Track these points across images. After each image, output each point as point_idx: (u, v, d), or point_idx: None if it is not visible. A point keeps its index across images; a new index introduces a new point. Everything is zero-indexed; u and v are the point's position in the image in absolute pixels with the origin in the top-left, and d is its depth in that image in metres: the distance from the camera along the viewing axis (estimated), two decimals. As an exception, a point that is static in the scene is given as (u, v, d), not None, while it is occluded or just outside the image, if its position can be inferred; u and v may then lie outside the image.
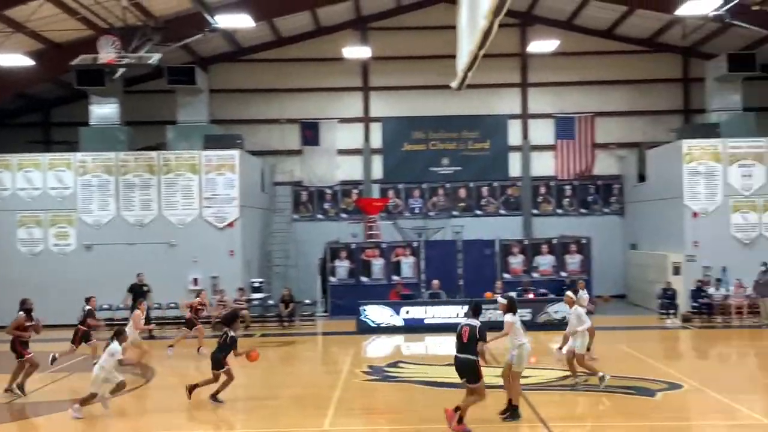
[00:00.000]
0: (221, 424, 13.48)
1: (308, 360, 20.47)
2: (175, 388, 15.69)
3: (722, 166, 25.69)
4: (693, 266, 25.31)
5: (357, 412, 14.01)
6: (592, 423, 12.53)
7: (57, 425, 13.46)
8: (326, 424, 12.75)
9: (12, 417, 14.16)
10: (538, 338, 21.90)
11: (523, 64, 31.59)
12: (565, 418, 12.95)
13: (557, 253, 27.55)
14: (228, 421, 13.72)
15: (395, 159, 31.75)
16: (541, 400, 13.98)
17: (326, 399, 14.37)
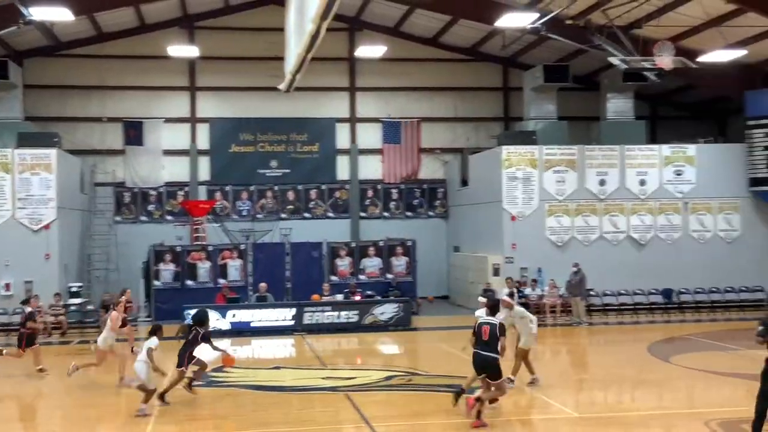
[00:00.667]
0: None
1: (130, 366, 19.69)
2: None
3: (538, 172, 26.99)
4: (511, 267, 26.45)
5: (180, 419, 13.63)
6: (415, 421, 12.80)
7: None
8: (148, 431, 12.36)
9: None
10: (365, 339, 22.25)
11: (351, 68, 31.94)
12: (389, 417, 13.16)
13: (384, 256, 28.01)
14: None
15: (223, 160, 31.26)
16: (365, 401, 14.15)
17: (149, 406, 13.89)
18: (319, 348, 20.55)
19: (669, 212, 27.36)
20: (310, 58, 16.09)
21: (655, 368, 17.42)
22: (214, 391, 15.79)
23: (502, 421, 13.10)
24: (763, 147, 26.97)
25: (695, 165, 27.57)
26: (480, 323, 12.69)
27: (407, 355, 21.27)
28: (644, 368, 17.52)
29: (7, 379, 17.46)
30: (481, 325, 12.61)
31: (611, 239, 27.12)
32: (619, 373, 16.81)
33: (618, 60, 22.83)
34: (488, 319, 12.75)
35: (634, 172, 27.34)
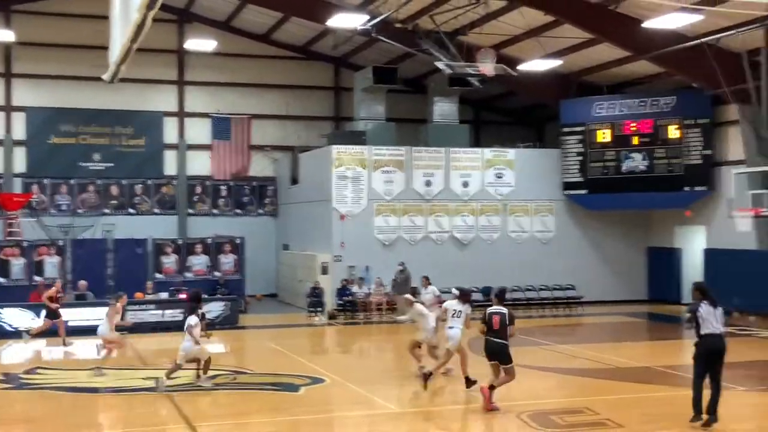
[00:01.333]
0: None
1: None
2: None
3: (367, 172, 27.40)
4: (339, 266, 26.71)
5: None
6: (237, 420, 12.69)
7: None
8: (-52, 440, 11.59)
9: None
10: (189, 338, 21.77)
11: (180, 61, 31.20)
12: (212, 416, 12.99)
13: (211, 253, 27.55)
14: None
15: (40, 152, 29.74)
16: (188, 400, 13.89)
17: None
18: (142, 348, 19.95)
19: (489, 213, 28.48)
20: (135, 48, 15.66)
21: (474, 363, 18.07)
22: (27, 393, 15.04)
23: (326, 418, 13.25)
24: (576, 153, 28.61)
25: (514, 168, 28.84)
26: (490, 313, 13.32)
27: (233, 353, 21.00)
28: (464, 363, 18.13)
29: None
30: (492, 314, 13.28)
31: (436, 239, 27.93)
32: (441, 369, 17.30)
33: (443, 65, 23.52)
34: (498, 309, 13.38)
35: (458, 174, 28.27)
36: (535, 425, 12.24)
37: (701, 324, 11.77)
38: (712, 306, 11.84)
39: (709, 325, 11.74)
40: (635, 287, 29.27)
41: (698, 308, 11.86)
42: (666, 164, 27.36)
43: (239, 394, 14.82)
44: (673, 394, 14.39)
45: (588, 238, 29.31)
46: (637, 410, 13.12)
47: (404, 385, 16.03)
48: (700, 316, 11.78)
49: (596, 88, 28.90)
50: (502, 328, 13.16)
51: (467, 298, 15.09)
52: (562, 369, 16.95)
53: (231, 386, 15.33)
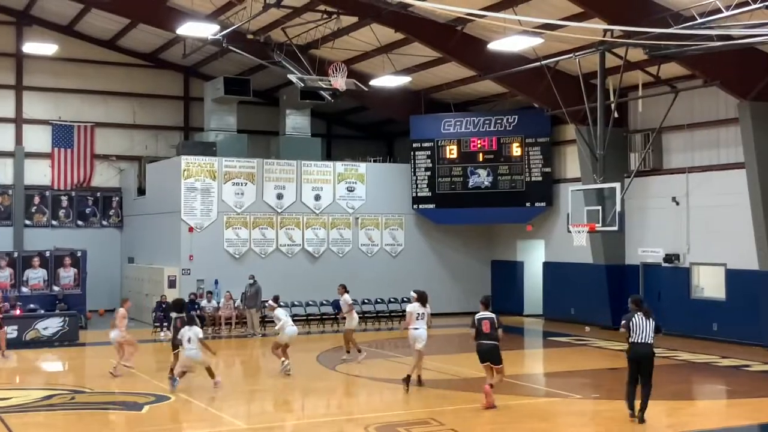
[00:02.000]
0: None
1: None
2: None
3: (217, 183, 26.97)
4: (188, 279, 26.12)
5: None
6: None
7: None
8: None
9: None
10: (25, 357, 20.75)
11: (18, 65, 29.72)
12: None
13: (50, 267, 26.27)
14: None
15: None
16: (21, 422, 13.17)
17: None
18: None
19: (341, 227, 28.66)
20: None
21: (323, 377, 18.11)
22: None
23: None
24: (425, 168, 29.23)
25: (365, 182, 29.16)
26: (479, 318, 14.14)
27: (72, 371, 20.16)
28: (313, 377, 18.13)
29: None
30: (481, 320, 14.12)
31: (287, 251, 27.81)
32: (290, 383, 17.23)
33: (296, 78, 23.50)
34: (485, 314, 14.19)
35: (310, 187, 28.29)
36: (383, 437, 12.36)
37: (632, 333, 12.91)
38: (645, 317, 12.94)
39: (640, 334, 12.86)
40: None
41: (632, 318, 12.97)
42: (509, 180, 28.38)
43: (76, 414, 14.20)
44: (518, 403, 14.89)
45: (436, 251, 29.98)
46: (481, 419, 13.48)
47: (253, 401, 15.86)
48: (633, 326, 12.90)
49: (444, 105, 29.66)
50: (493, 331, 14.09)
51: (425, 299, 16.28)
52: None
53: (68, 406, 14.65)
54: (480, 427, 13.14)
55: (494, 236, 30.99)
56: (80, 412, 14.28)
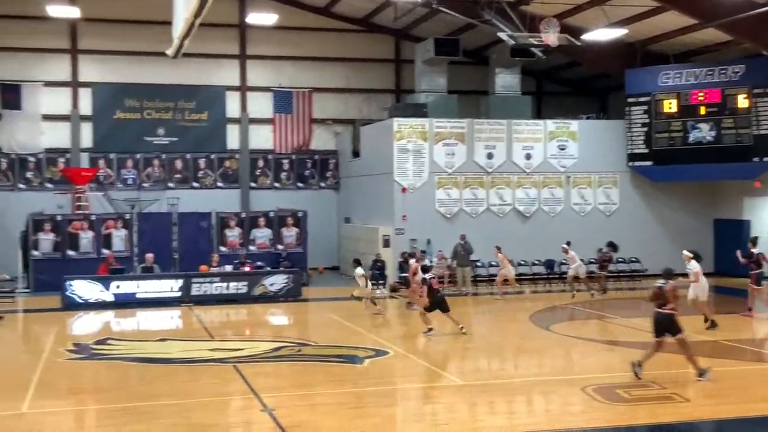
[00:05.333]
0: None
1: (5, 340, 19.02)
2: None
3: (428, 145, 27.28)
4: (401, 239, 26.72)
5: (61, 393, 13.25)
6: (303, 392, 12.81)
7: None
8: (24, 407, 11.93)
9: None
10: (254, 311, 22.12)
11: (242, 35, 31.37)
12: (277, 388, 13.14)
13: (274, 227, 27.80)
14: None
15: (106, 127, 30.28)
16: (254, 372, 14.08)
17: (24, 381, 13.44)
18: (207, 320, 20.31)
19: (552, 186, 28.16)
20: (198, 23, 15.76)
21: (537, 336, 18.00)
22: (96, 364, 15.42)
23: (389, 390, 13.30)
24: (641, 124, 28.03)
25: (577, 140, 28.42)
26: (660, 286, 13.49)
27: (297, 326, 21.28)
28: (526, 336, 18.07)
29: None
30: (660, 287, 13.41)
31: (497, 211, 27.73)
32: (502, 342, 17.29)
33: (506, 35, 23.20)
34: (665, 282, 13.48)
35: (520, 146, 27.96)
36: (601, 398, 12.12)
37: None
38: None
39: None
40: (701, 260, 28.58)
41: None
42: (734, 134, 26.61)
43: (303, 365, 14.98)
44: (741, 369, 14.11)
45: (653, 210, 28.78)
46: (703, 384, 12.88)
47: (468, 358, 16.04)
48: None
49: (662, 57, 28.19)
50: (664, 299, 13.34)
51: None
52: (628, 343, 16.70)
53: (295, 358, 15.50)
54: (702, 391, 12.56)
55: (717, 194, 29.26)
56: (306, 364, 15.04)
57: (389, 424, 11.48)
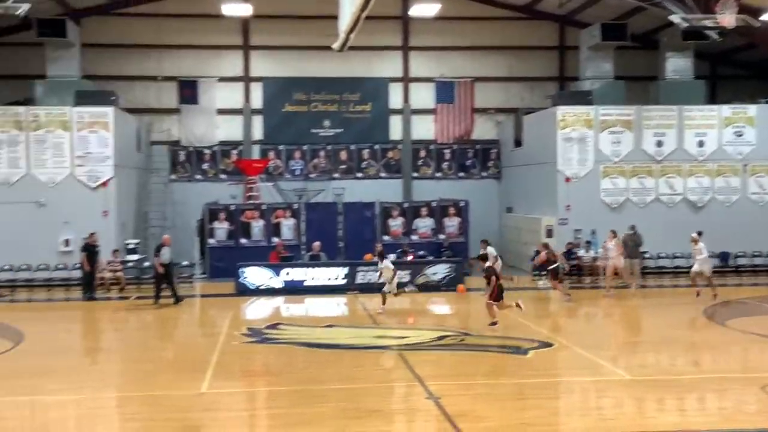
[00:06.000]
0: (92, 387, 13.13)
1: (185, 323, 20.19)
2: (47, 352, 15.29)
3: (594, 133, 26.62)
4: (565, 229, 26.24)
5: (236, 375, 13.94)
6: (466, 381, 12.86)
7: None
8: (204, 387, 12.62)
9: None
10: (417, 299, 22.36)
11: (404, 27, 31.69)
12: (441, 376, 13.25)
13: (436, 216, 27.99)
14: (101, 384, 13.38)
15: (276, 120, 31.41)
16: (418, 360, 14.26)
17: (203, 362, 14.22)
18: (372, 307, 20.70)
19: (727, 174, 26.83)
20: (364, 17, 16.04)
21: (710, 331, 17.23)
22: (267, 347, 16.06)
23: (552, 382, 13.13)
24: (828, 108, 26.21)
25: (755, 126, 26.91)
26: None
27: (459, 315, 21.35)
28: (699, 331, 17.34)
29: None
30: None
31: (667, 201, 26.72)
32: (673, 336, 16.64)
33: (678, 18, 22.28)
34: None
35: (693, 133, 26.81)
36: (782, 400, 11.48)
37: None
38: None
39: None
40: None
41: None
42: None
43: (466, 355, 15.03)
44: None
45: (841, 200, 26.88)
46: None
47: (634, 352, 15.58)
48: None
49: None
50: None
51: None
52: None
53: (458, 347, 15.56)
54: None
55: None
56: (469, 353, 15.09)
57: (553, 417, 11.34)
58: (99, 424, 11.20)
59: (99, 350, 17.01)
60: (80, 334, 19.08)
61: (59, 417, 11.46)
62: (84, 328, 19.76)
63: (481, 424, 10.58)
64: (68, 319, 20.35)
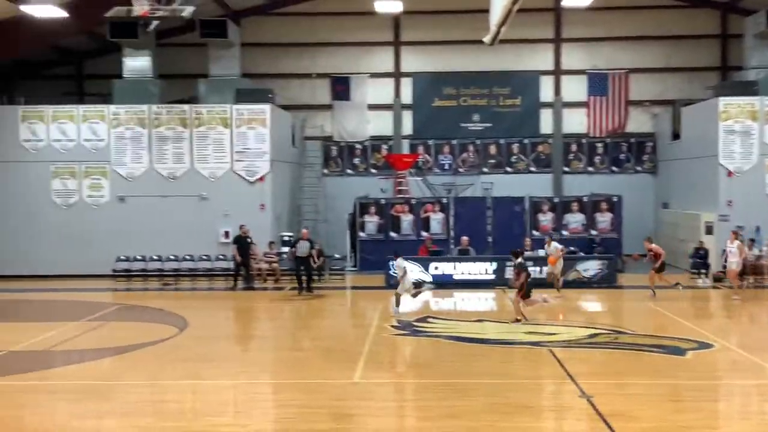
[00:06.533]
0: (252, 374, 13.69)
1: (337, 314, 20.68)
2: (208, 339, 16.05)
3: (759, 125, 25.28)
4: (725, 226, 25.05)
5: (386, 366, 14.18)
6: (619, 380, 12.54)
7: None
8: (356, 376, 12.90)
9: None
10: (567, 295, 21.95)
11: (556, 18, 31.13)
12: (593, 374, 12.99)
13: (587, 212, 27.37)
14: (257, 371, 13.92)
15: (425, 115, 31.60)
16: (569, 357, 14.03)
17: (355, 352, 14.53)
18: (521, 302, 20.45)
19: None
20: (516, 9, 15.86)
21: None
22: (417, 340, 16.22)
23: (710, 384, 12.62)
24: None
25: None
26: None
27: (612, 313, 20.83)
28: None
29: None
30: None
31: (836, 196, 25.07)
32: None
33: None
34: None
35: None
36: None
37: None
38: None
39: None
40: None
41: None
42: None
43: (619, 353, 14.64)
44: None
45: None
46: None
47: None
48: None
49: None
50: None
51: None
52: None
53: (611, 345, 15.20)
54: None
55: None
56: (622, 352, 14.69)
57: (712, 420, 10.92)
58: (255, 408, 11.66)
59: (255, 338, 17.69)
60: (238, 323, 19.91)
61: (218, 401, 12.01)
62: (241, 317, 20.58)
63: (636, 425, 10.31)
64: (227, 308, 21.27)
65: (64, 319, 18.29)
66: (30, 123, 26.43)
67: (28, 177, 26.21)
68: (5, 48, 25.92)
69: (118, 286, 24.52)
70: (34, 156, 26.33)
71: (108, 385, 12.75)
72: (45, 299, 22.24)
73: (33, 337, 16.13)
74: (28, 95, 27.88)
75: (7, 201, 26.15)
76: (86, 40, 29.22)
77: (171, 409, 11.48)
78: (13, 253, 25.89)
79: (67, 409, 11.34)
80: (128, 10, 23.09)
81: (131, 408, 11.56)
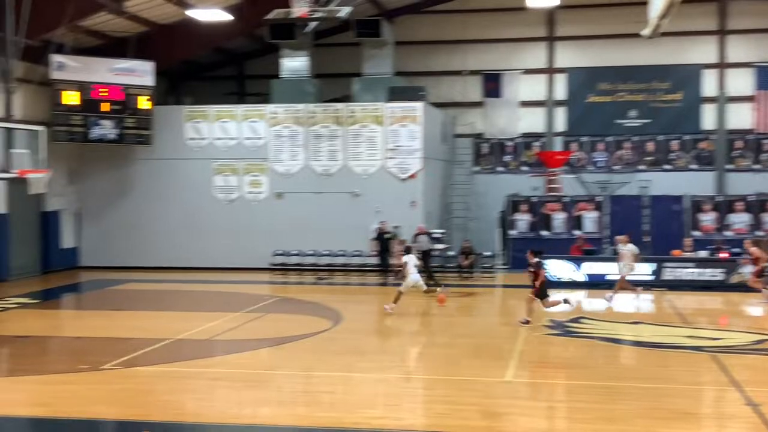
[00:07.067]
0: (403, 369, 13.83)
1: (487, 312, 20.58)
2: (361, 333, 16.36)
3: None
4: None
5: (537, 365, 13.99)
6: (789, 390, 11.86)
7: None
8: (508, 375, 12.79)
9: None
10: (730, 299, 20.96)
11: (721, 9, 29.71)
12: (759, 382, 12.33)
13: (753, 211, 26.00)
14: (410, 367, 14.05)
15: (579, 111, 30.90)
16: (734, 363, 13.37)
17: (506, 351, 14.42)
18: (680, 305, 19.74)
19: None
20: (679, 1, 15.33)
21: None
22: (569, 340, 15.92)
23: None
24: None
25: None
26: None
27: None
28: None
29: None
30: None
31: None
32: None
33: None
34: None
35: None
36: None
37: None
38: None
39: None
40: None
41: None
42: None
43: (789, 362, 13.85)
44: None
45: None
46: None
47: None
48: None
49: None
50: None
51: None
52: None
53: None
54: None
55: None
56: (792, 361, 13.89)
57: None
58: (406, 402, 11.76)
59: (405, 333, 17.85)
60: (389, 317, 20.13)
61: (370, 393, 12.20)
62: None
63: (807, 438, 9.71)
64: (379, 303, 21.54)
65: (226, 310, 19.09)
66: (194, 122, 27.76)
67: (192, 174, 27.54)
68: (173, 51, 27.36)
69: (275, 279, 25.38)
70: (197, 154, 27.65)
71: (265, 375, 13.22)
72: (208, 290, 23.31)
73: (198, 326, 16.94)
74: (193, 96, 29.32)
75: (171, 196, 27.57)
76: (247, 41, 30.38)
77: (325, 400, 11.75)
78: (177, 246, 27.30)
79: (226, 396, 11.82)
80: (287, 12, 23.83)
81: (287, 397, 11.94)
